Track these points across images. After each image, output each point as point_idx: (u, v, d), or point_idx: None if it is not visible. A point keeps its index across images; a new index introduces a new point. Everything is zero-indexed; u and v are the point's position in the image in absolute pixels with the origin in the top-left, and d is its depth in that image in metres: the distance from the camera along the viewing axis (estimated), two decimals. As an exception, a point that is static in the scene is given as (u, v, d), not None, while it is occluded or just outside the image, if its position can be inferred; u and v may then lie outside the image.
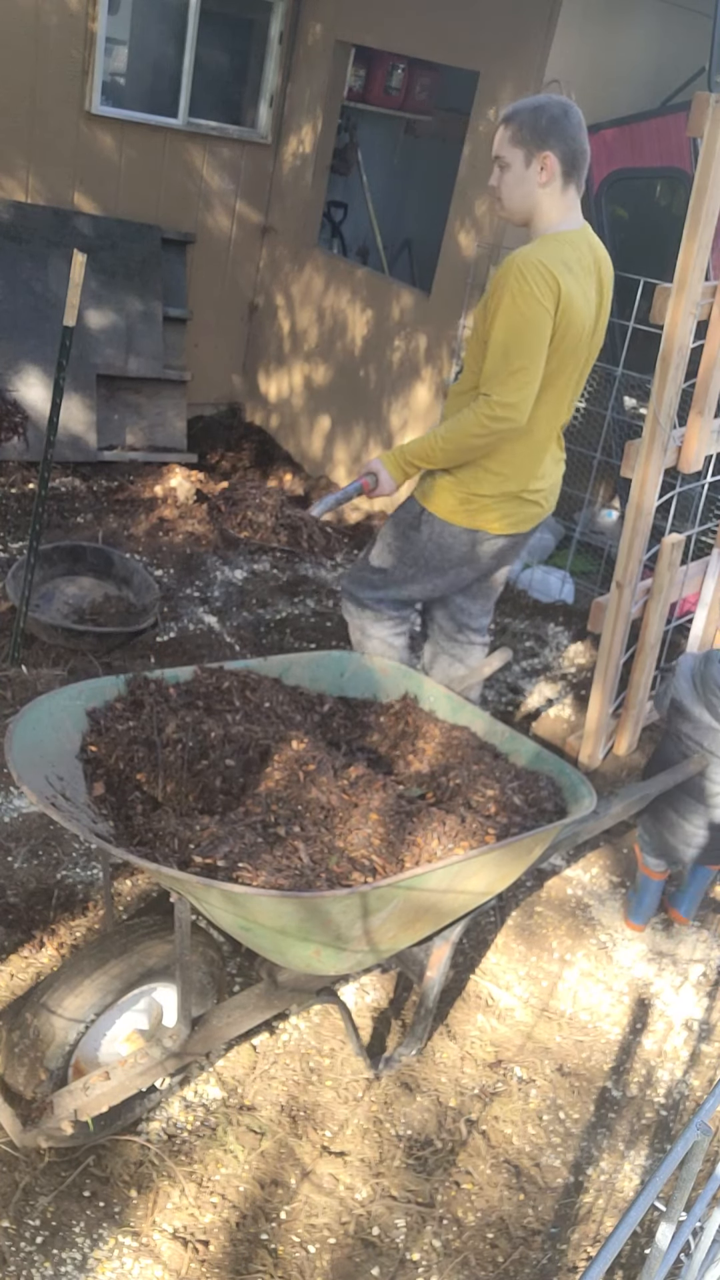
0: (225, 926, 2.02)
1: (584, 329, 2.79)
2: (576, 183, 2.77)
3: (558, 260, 2.69)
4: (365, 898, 1.93)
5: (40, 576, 4.14)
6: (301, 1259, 2.17)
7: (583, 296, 2.76)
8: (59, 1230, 2.12)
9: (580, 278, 2.75)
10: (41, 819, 3.14)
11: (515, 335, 2.67)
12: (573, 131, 2.71)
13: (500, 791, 2.39)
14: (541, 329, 2.67)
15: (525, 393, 2.72)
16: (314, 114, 5.80)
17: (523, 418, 2.76)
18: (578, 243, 2.78)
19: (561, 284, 2.66)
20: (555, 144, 2.69)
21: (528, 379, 2.71)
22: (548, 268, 2.65)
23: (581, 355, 2.86)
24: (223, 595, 4.65)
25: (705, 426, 3.64)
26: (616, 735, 4.10)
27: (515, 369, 2.70)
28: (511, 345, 2.68)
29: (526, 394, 2.73)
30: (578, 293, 2.73)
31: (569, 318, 2.71)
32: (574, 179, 2.76)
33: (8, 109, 5.18)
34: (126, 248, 5.65)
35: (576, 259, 2.75)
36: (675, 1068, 2.83)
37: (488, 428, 2.76)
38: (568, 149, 2.70)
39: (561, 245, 2.73)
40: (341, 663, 2.79)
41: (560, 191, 2.75)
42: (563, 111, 2.71)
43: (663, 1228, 1.52)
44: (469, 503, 2.96)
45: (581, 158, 2.74)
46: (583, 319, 2.76)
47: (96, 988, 2.14)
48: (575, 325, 2.74)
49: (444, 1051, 2.71)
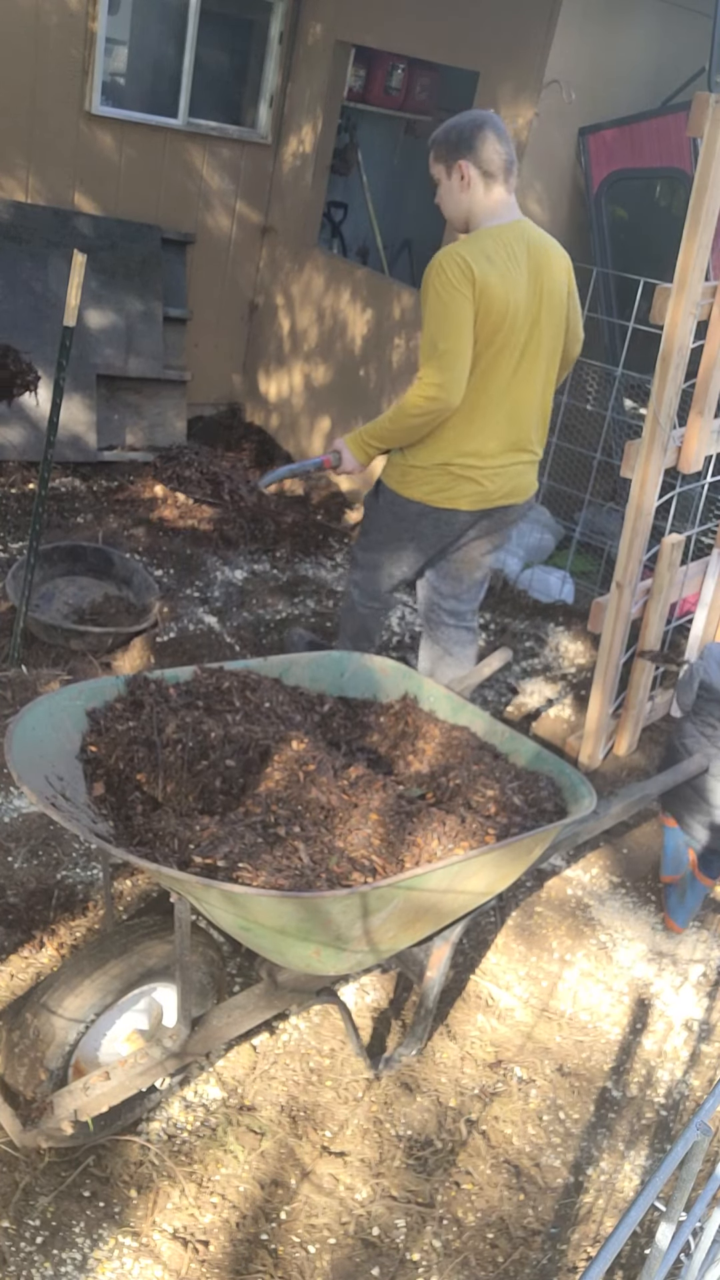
0: (225, 927, 2.02)
1: (512, 312, 3.02)
2: (503, 182, 3.05)
3: (476, 252, 2.96)
4: (365, 898, 1.93)
5: (40, 576, 4.14)
6: (301, 1259, 2.17)
7: (505, 282, 2.99)
8: (59, 1230, 2.12)
9: (503, 265, 3.00)
10: (41, 819, 3.14)
11: (438, 321, 2.96)
12: (483, 139, 3.00)
13: (500, 792, 2.40)
14: (461, 314, 2.95)
15: (453, 373, 2.99)
16: (314, 114, 5.80)
17: (453, 396, 3.01)
18: (504, 235, 3.04)
19: (476, 271, 2.93)
20: (466, 153, 3.01)
21: (454, 360, 2.98)
22: (463, 258, 2.94)
23: (520, 337, 3.09)
24: (223, 595, 4.65)
25: (705, 427, 3.64)
26: (616, 735, 4.10)
27: (441, 351, 2.98)
28: (436, 331, 2.97)
29: (454, 374, 2.99)
30: (497, 280, 2.97)
31: (488, 303, 2.96)
32: (497, 179, 3.04)
33: (8, 109, 5.18)
34: (126, 248, 5.65)
35: (499, 249, 3.00)
36: (675, 1068, 2.83)
37: (422, 407, 3.03)
38: (479, 155, 3.01)
39: (482, 239, 3.01)
40: (341, 663, 2.79)
41: (484, 193, 3.05)
42: (473, 123, 3.02)
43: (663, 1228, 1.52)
44: (407, 473, 3.25)
45: (497, 159, 3.01)
46: (506, 303, 3.00)
47: (96, 988, 2.14)
48: (498, 309, 2.99)
49: (444, 1051, 2.71)
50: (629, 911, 3.34)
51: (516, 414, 3.19)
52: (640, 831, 3.70)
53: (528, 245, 3.07)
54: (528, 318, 3.08)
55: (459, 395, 3.02)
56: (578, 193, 5.00)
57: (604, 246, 4.81)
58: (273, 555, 5.13)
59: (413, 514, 3.31)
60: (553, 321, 3.15)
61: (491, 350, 3.04)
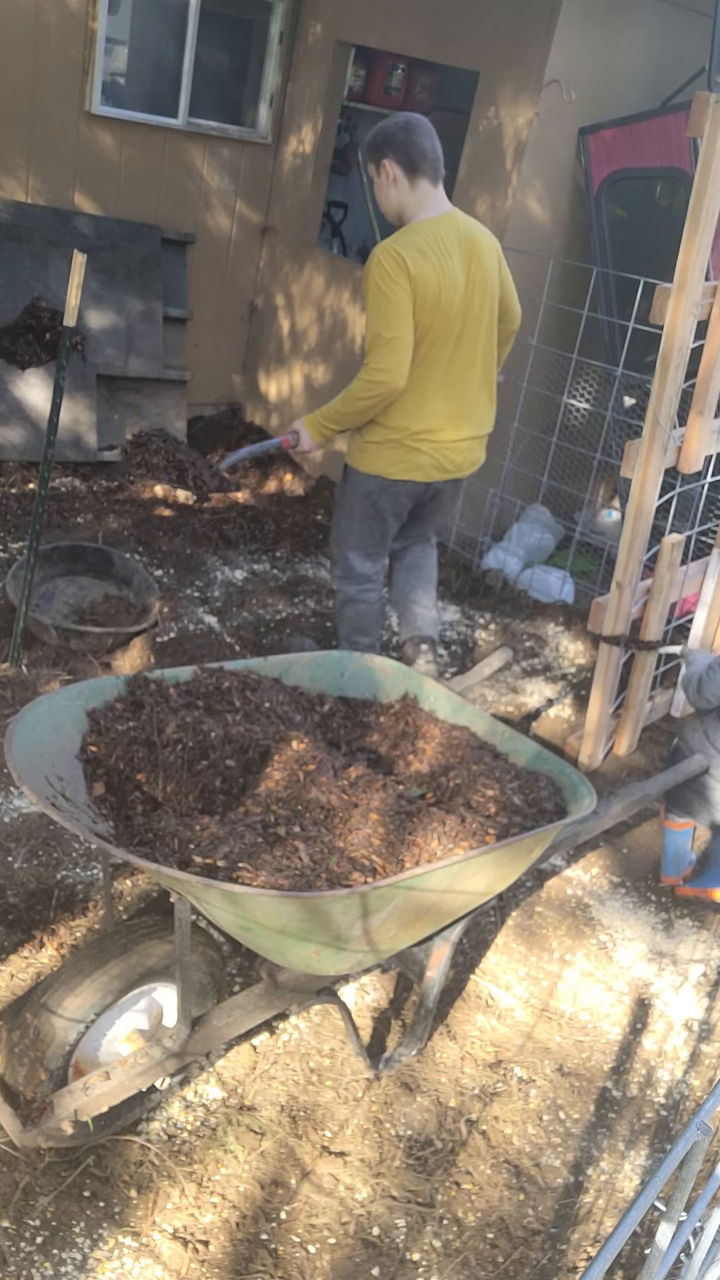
0: (225, 926, 2.02)
1: (446, 299, 3.27)
2: (428, 177, 3.28)
3: (408, 245, 3.21)
4: (365, 898, 1.93)
5: (40, 576, 4.14)
6: (301, 1259, 2.17)
7: (437, 272, 3.24)
8: (59, 1230, 2.12)
9: (435, 256, 3.24)
10: (41, 819, 3.14)
11: (378, 312, 3.22)
12: (404, 138, 3.23)
13: (500, 792, 2.40)
14: (399, 303, 3.20)
15: (396, 359, 3.25)
16: (314, 114, 5.80)
17: (397, 379, 3.28)
18: (435, 227, 3.28)
19: (410, 264, 3.18)
20: (389, 152, 3.24)
21: (397, 346, 3.24)
22: (397, 252, 3.19)
23: (456, 321, 3.33)
24: (223, 595, 4.65)
25: (705, 426, 3.64)
26: (616, 735, 4.10)
27: (386, 340, 3.23)
28: (379, 321, 3.23)
29: (397, 359, 3.25)
30: (430, 270, 3.22)
31: (423, 292, 3.21)
32: (422, 175, 3.27)
33: (8, 109, 5.17)
34: (126, 248, 5.65)
35: (430, 241, 3.24)
36: (675, 1068, 2.83)
37: (369, 390, 3.30)
38: (402, 153, 3.23)
39: (413, 233, 3.26)
40: (341, 663, 2.79)
41: (410, 188, 3.29)
42: (396, 124, 3.25)
43: (663, 1228, 1.52)
44: (365, 449, 3.52)
45: (419, 155, 3.24)
46: (440, 291, 3.24)
47: (96, 988, 2.14)
48: (431, 296, 3.23)
49: (444, 1051, 2.71)
50: (629, 911, 3.35)
51: (459, 392, 3.46)
52: (640, 831, 3.70)
53: (458, 235, 3.31)
54: (462, 303, 3.32)
55: (403, 378, 3.28)
56: (578, 192, 5.00)
57: (604, 246, 4.81)
58: (273, 555, 5.13)
59: (375, 489, 3.58)
60: (486, 304, 3.41)
61: (430, 335, 3.29)
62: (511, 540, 5.37)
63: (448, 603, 5.00)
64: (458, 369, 3.42)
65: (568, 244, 5.08)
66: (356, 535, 3.74)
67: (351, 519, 3.71)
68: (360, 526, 3.71)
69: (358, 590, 3.85)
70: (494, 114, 4.84)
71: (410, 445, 3.47)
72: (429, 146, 3.25)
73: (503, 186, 4.86)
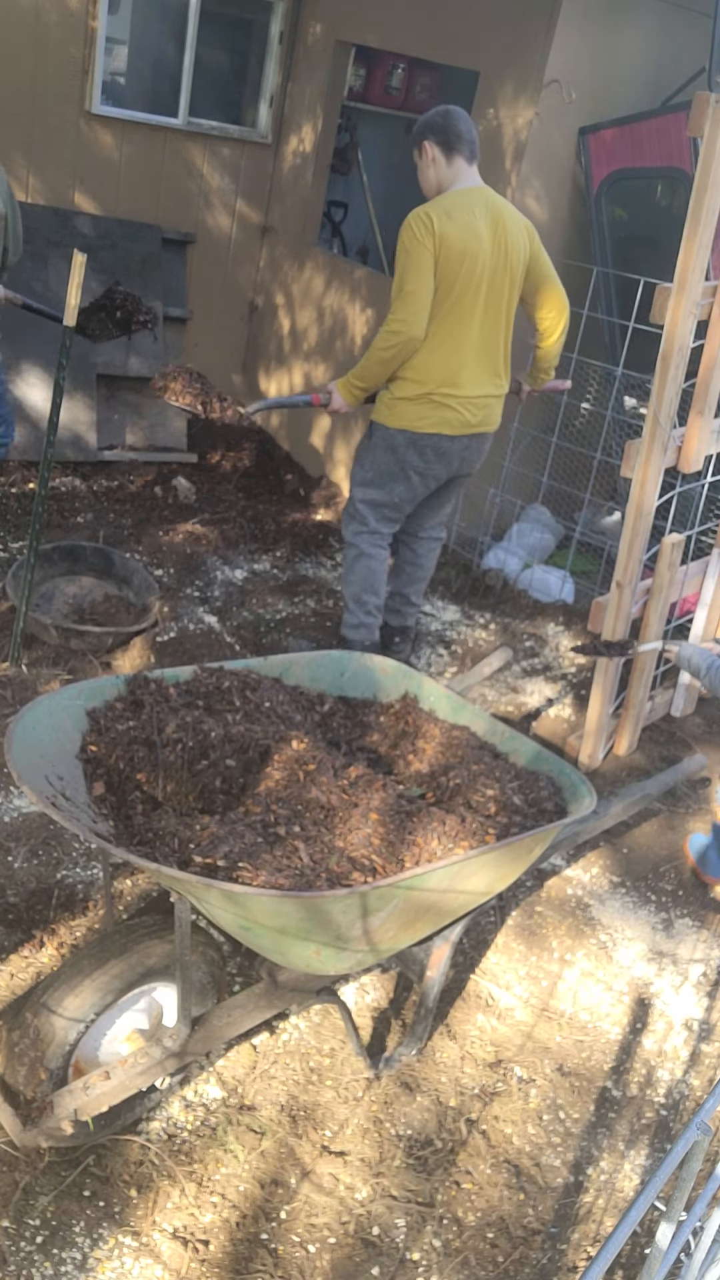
0: (225, 926, 2.02)
1: (470, 258, 3.49)
2: (464, 156, 3.57)
3: (437, 209, 3.48)
4: (365, 898, 1.93)
5: (40, 576, 4.14)
6: (301, 1258, 2.17)
7: (464, 232, 3.47)
8: (59, 1230, 2.12)
9: (462, 219, 3.48)
10: (42, 819, 3.14)
11: (402, 267, 3.49)
12: (442, 122, 3.54)
13: (500, 791, 2.40)
14: (421, 259, 3.45)
15: (414, 309, 3.49)
16: (314, 113, 5.80)
17: (416, 329, 3.52)
18: (465, 196, 3.55)
19: (436, 224, 3.44)
20: (429, 134, 3.56)
21: (415, 299, 3.48)
22: (426, 214, 3.46)
23: (482, 281, 3.55)
24: (223, 595, 4.65)
25: (705, 426, 3.64)
26: (616, 735, 4.10)
27: (406, 292, 3.49)
28: (402, 276, 3.50)
29: (415, 310, 3.49)
30: (455, 231, 3.45)
31: (447, 249, 3.45)
32: (458, 153, 3.56)
33: (8, 108, 5.17)
34: (126, 247, 5.65)
35: (459, 206, 3.50)
36: (675, 1067, 2.83)
37: (390, 341, 3.54)
38: (440, 134, 3.54)
39: (444, 200, 3.53)
40: (341, 662, 2.79)
41: (446, 165, 3.58)
42: (436, 112, 3.57)
43: (663, 1227, 1.52)
44: (393, 406, 3.72)
45: (455, 136, 3.54)
46: (464, 250, 3.47)
47: (96, 987, 2.14)
48: (456, 254, 3.47)
49: (444, 1051, 2.71)
50: (629, 911, 3.35)
51: (483, 350, 3.68)
52: (640, 831, 3.70)
53: (487, 205, 3.56)
54: (488, 265, 3.55)
55: (421, 328, 3.52)
56: (578, 192, 5.00)
57: (604, 246, 4.81)
58: (273, 555, 5.13)
59: (401, 443, 3.76)
60: (508, 270, 3.62)
61: (455, 292, 3.52)
62: (511, 540, 5.37)
63: (448, 602, 5.00)
64: (483, 328, 3.64)
65: (568, 244, 5.07)
66: (377, 490, 3.88)
67: (377, 475, 3.85)
68: (383, 483, 3.85)
69: (371, 545, 3.97)
70: (494, 114, 4.84)
71: (438, 400, 3.66)
72: (465, 129, 3.54)
73: (502, 186, 4.85)
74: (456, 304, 3.55)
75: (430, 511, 4.13)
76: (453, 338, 3.60)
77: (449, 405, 3.68)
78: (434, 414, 3.69)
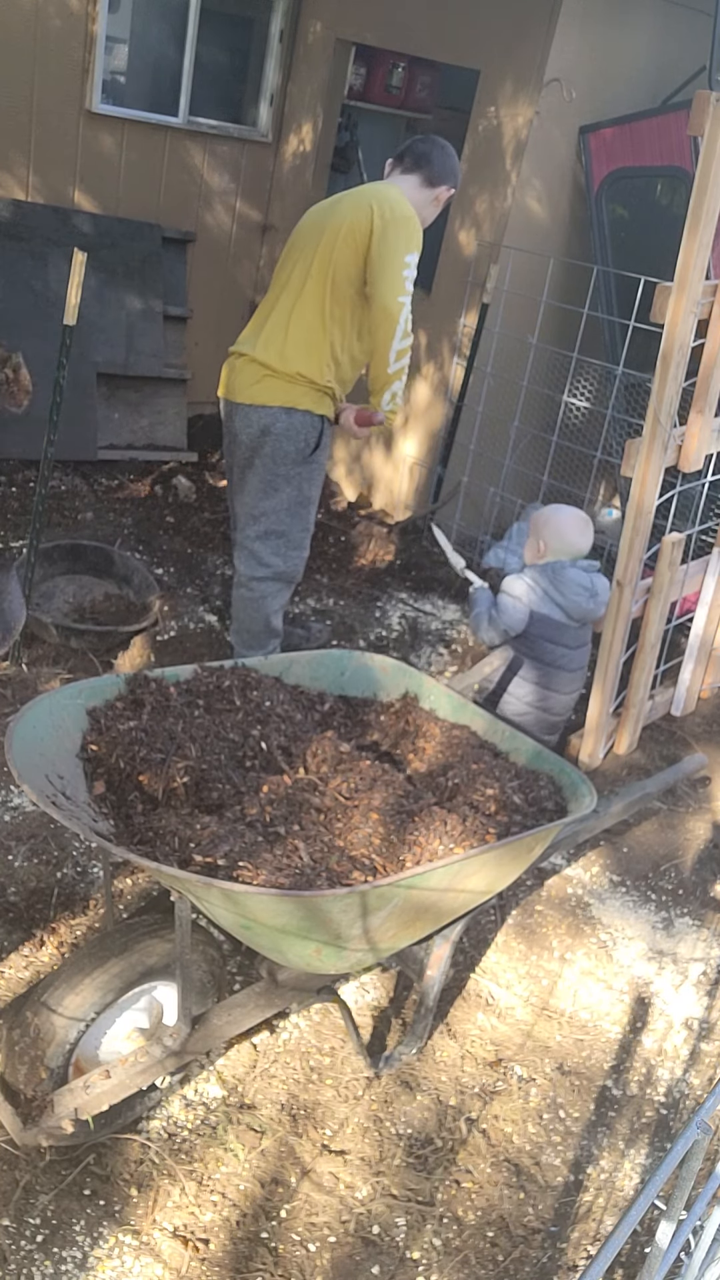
0: (225, 925, 2.02)
1: (298, 232, 3.55)
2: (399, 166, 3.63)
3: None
4: (365, 897, 1.93)
5: (40, 575, 4.14)
6: (302, 1257, 2.17)
7: (307, 217, 3.56)
8: (59, 1229, 2.13)
9: (322, 205, 3.56)
10: (42, 818, 3.14)
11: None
12: (407, 143, 3.64)
13: (500, 790, 2.40)
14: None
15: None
16: (314, 112, 5.79)
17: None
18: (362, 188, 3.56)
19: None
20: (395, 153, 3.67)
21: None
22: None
23: (292, 253, 3.54)
24: (223, 594, 4.65)
25: (706, 425, 3.64)
26: (617, 734, 4.10)
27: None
28: None
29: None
30: (307, 214, 3.58)
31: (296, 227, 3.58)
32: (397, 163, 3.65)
33: (8, 107, 5.17)
34: (127, 246, 5.65)
35: (342, 196, 3.54)
36: (675, 1066, 2.83)
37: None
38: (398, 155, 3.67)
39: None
40: (341, 661, 2.79)
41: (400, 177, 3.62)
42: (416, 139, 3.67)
43: (663, 1226, 1.52)
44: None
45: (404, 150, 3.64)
46: (298, 229, 3.55)
47: (97, 986, 2.14)
48: (293, 231, 3.58)
49: (444, 1050, 2.71)
50: (629, 910, 3.35)
51: (277, 318, 3.52)
52: (640, 830, 3.70)
53: (358, 194, 3.50)
54: (304, 237, 3.51)
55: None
56: (578, 191, 5.00)
57: (604, 245, 4.81)
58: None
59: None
60: (324, 244, 3.42)
61: (279, 263, 3.60)
62: (511, 539, 5.36)
63: (447, 601, 5.00)
64: (284, 297, 3.53)
65: (568, 243, 5.07)
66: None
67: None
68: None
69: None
70: (494, 112, 4.83)
71: (231, 355, 3.65)
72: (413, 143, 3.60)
73: (503, 185, 4.85)
74: (277, 272, 3.60)
75: (243, 514, 3.74)
76: (265, 302, 3.60)
77: (230, 364, 3.62)
78: (226, 375, 3.65)
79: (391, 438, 5.67)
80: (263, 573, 3.68)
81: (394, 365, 3.41)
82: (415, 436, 5.58)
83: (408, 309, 3.35)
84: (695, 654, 4.35)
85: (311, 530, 3.71)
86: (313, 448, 3.57)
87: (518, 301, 4.96)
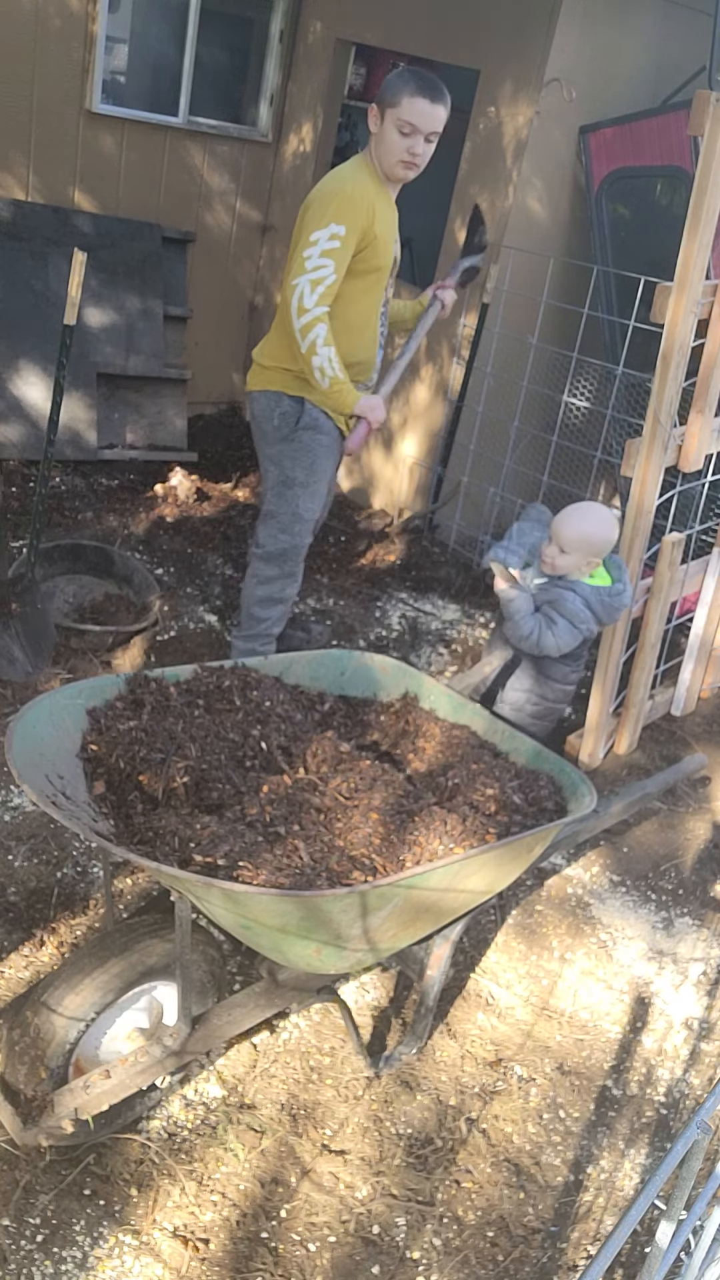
0: (226, 925, 2.02)
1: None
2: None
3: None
4: (365, 897, 1.93)
5: (40, 575, 4.14)
6: (302, 1257, 2.17)
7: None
8: (59, 1228, 2.13)
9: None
10: (42, 817, 3.14)
11: None
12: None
13: (500, 790, 2.40)
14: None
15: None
16: (314, 112, 5.79)
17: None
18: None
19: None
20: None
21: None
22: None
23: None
24: (223, 593, 4.65)
25: (706, 425, 3.64)
26: (617, 734, 4.10)
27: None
28: None
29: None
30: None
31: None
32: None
33: (8, 107, 5.17)
34: (127, 246, 5.65)
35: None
36: (675, 1066, 2.83)
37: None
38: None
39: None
40: (341, 661, 2.79)
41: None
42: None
43: (663, 1226, 1.52)
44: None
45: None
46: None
47: (97, 986, 2.14)
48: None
49: (444, 1050, 2.71)
50: (629, 910, 3.35)
51: (274, 319, 3.61)
52: (640, 830, 3.71)
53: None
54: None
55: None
56: (578, 191, 5.00)
57: (604, 245, 4.81)
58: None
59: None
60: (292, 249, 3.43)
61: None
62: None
63: (448, 601, 5.00)
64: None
65: (568, 242, 5.07)
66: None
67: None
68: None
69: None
70: (494, 112, 4.83)
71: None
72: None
73: (503, 185, 4.85)
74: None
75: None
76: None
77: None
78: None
79: (391, 438, 5.67)
80: (256, 551, 3.81)
81: (304, 344, 3.38)
82: (415, 436, 5.58)
83: (302, 288, 3.33)
84: (695, 654, 4.35)
85: (304, 517, 3.68)
86: (291, 426, 3.62)
87: (518, 301, 4.96)
